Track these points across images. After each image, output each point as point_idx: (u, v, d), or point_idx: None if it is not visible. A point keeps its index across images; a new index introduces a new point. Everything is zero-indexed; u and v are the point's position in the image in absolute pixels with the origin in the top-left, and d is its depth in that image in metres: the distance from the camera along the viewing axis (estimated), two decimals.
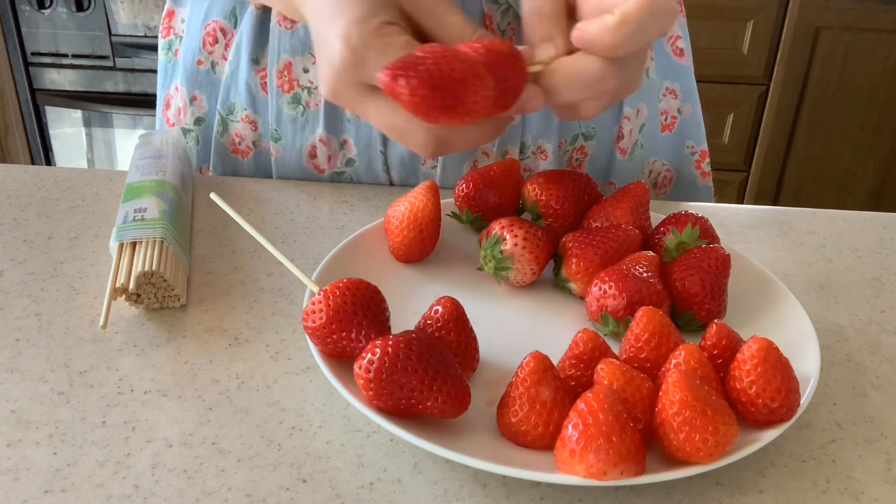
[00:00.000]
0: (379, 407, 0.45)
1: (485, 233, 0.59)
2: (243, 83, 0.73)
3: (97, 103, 2.04)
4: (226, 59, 0.73)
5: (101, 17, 1.93)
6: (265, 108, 0.73)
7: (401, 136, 0.51)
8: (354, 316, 0.47)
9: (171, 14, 0.78)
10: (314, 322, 0.48)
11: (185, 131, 0.78)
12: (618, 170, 0.76)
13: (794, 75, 1.98)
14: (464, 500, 0.45)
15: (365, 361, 0.44)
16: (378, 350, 0.44)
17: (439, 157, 0.73)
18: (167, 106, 0.79)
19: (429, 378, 0.44)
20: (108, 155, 2.14)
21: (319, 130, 0.72)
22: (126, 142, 2.10)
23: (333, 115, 0.72)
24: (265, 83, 0.72)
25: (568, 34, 0.52)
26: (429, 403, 0.45)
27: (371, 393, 0.44)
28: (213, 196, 0.58)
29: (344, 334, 0.47)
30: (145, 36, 1.93)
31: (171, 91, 0.79)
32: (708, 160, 0.82)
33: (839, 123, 2.04)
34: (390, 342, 0.44)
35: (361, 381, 0.45)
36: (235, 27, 0.72)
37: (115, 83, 2.01)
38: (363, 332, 0.47)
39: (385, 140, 0.73)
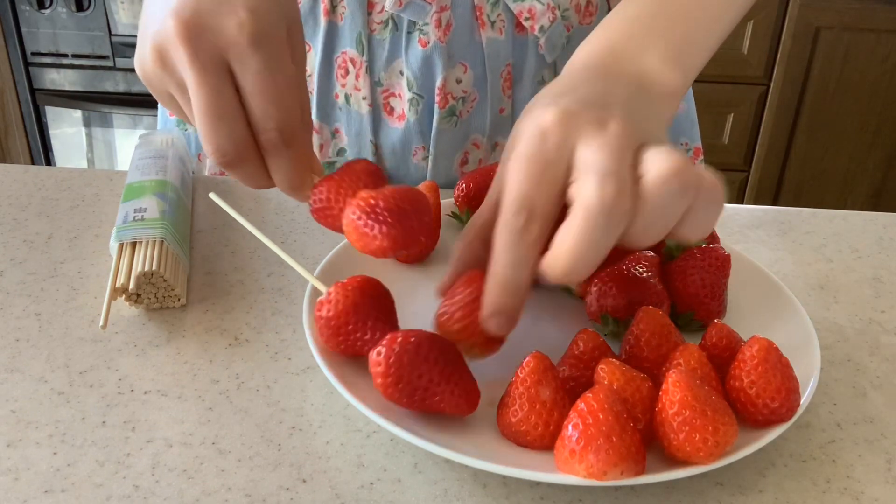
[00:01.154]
0: (392, 397, 0.45)
1: None
2: None
3: (97, 103, 2.03)
4: None
5: (101, 17, 1.93)
6: None
7: (215, 130, 0.45)
8: (370, 311, 0.48)
9: None
10: (329, 311, 0.48)
11: None
12: None
13: (794, 75, 1.98)
14: (464, 500, 0.45)
15: (384, 348, 0.45)
16: (400, 338, 0.45)
17: (430, 148, 0.73)
18: None
19: (448, 370, 0.45)
20: (108, 155, 2.14)
21: (312, 118, 0.73)
22: (126, 142, 2.10)
23: (325, 102, 0.73)
24: None
25: None
26: (444, 396, 0.45)
27: (389, 379, 0.45)
28: (212, 196, 0.58)
29: (360, 325, 0.48)
30: None
31: None
32: (702, 157, 0.82)
33: (839, 123, 2.04)
34: (410, 333, 0.45)
35: (380, 368, 0.45)
36: None
37: (115, 83, 2.01)
38: (377, 329, 0.48)
39: (375, 130, 0.73)
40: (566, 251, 0.43)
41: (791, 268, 0.67)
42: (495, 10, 0.70)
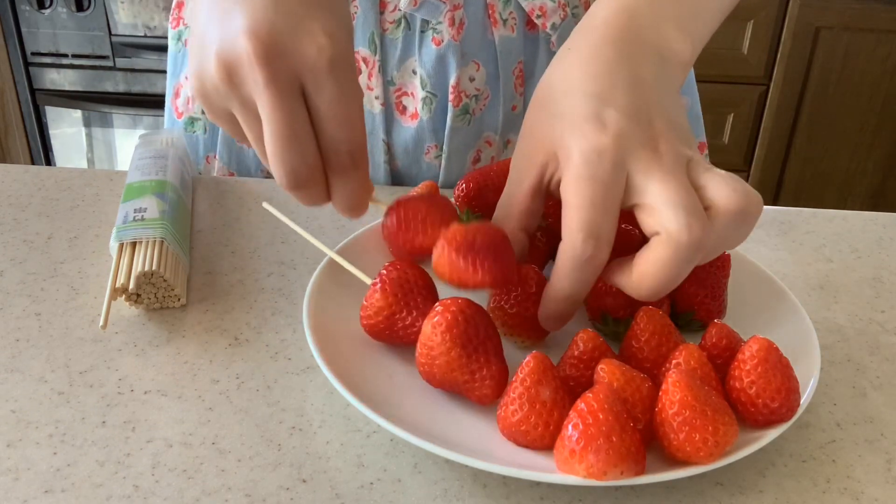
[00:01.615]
0: (446, 345, 0.46)
1: None
2: None
3: (97, 103, 2.04)
4: None
5: (101, 17, 1.93)
6: None
7: (290, 152, 0.45)
8: (420, 298, 0.50)
9: (180, 5, 0.79)
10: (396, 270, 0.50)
11: (193, 120, 0.78)
12: None
13: (794, 75, 1.99)
14: (464, 500, 0.45)
15: (451, 300, 0.47)
16: (461, 301, 0.47)
17: (444, 146, 0.73)
18: (176, 95, 0.80)
19: (498, 341, 0.48)
20: (108, 155, 2.14)
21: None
22: (126, 142, 2.10)
23: None
24: None
25: None
26: (490, 359, 0.47)
27: (457, 319, 0.46)
28: (265, 205, 0.60)
29: (412, 300, 0.50)
30: (145, 36, 1.93)
31: (181, 80, 0.79)
32: (706, 153, 0.82)
33: (839, 123, 2.04)
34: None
35: (448, 316, 0.46)
36: None
37: (115, 83, 2.01)
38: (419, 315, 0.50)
39: (388, 129, 0.73)
40: (655, 279, 0.46)
41: (791, 268, 0.67)
42: (507, 8, 0.70)
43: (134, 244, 0.59)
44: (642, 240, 0.59)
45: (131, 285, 0.56)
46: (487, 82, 0.72)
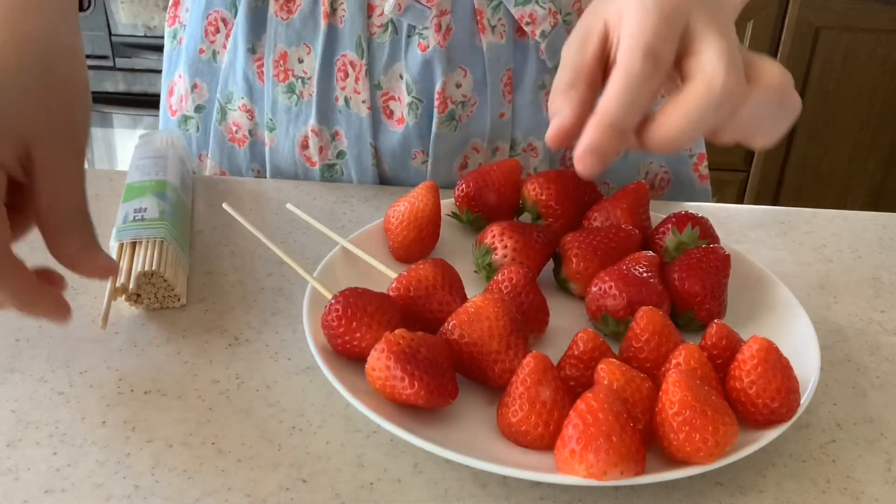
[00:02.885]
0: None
1: (478, 239, 0.59)
2: (241, 72, 0.74)
3: (97, 103, 2.03)
4: (226, 49, 0.74)
5: (101, 17, 1.92)
6: (261, 97, 0.74)
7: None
8: (375, 320, 0.49)
9: (176, 3, 0.79)
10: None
11: (187, 118, 0.78)
12: (612, 169, 0.76)
13: (794, 75, 1.97)
14: (464, 500, 0.45)
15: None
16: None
17: (429, 152, 0.73)
18: (170, 93, 0.80)
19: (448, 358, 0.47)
20: (108, 155, 2.14)
21: (312, 121, 0.73)
22: (126, 142, 2.10)
23: (325, 105, 0.73)
24: (262, 72, 0.73)
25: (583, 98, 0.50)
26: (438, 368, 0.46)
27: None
28: (225, 206, 0.59)
29: (366, 326, 0.48)
30: (145, 36, 1.93)
31: (175, 79, 0.79)
32: (706, 163, 0.82)
33: (839, 123, 2.04)
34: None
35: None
36: (235, 17, 0.73)
37: (115, 83, 2.00)
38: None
39: (375, 133, 0.73)
40: (678, 121, 0.46)
41: (791, 268, 0.67)
42: (496, 15, 0.70)
43: (134, 244, 0.59)
44: (641, 240, 0.59)
45: (131, 285, 0.56)
46: (475, 89, 0.72)
